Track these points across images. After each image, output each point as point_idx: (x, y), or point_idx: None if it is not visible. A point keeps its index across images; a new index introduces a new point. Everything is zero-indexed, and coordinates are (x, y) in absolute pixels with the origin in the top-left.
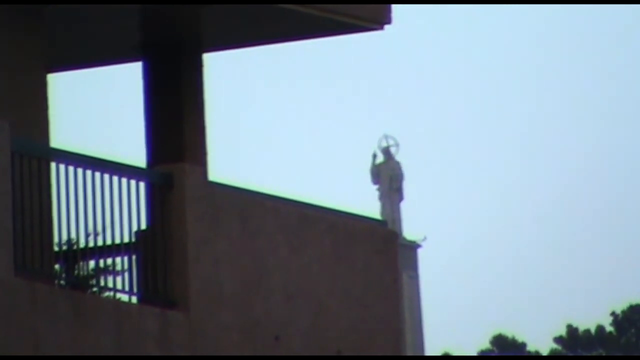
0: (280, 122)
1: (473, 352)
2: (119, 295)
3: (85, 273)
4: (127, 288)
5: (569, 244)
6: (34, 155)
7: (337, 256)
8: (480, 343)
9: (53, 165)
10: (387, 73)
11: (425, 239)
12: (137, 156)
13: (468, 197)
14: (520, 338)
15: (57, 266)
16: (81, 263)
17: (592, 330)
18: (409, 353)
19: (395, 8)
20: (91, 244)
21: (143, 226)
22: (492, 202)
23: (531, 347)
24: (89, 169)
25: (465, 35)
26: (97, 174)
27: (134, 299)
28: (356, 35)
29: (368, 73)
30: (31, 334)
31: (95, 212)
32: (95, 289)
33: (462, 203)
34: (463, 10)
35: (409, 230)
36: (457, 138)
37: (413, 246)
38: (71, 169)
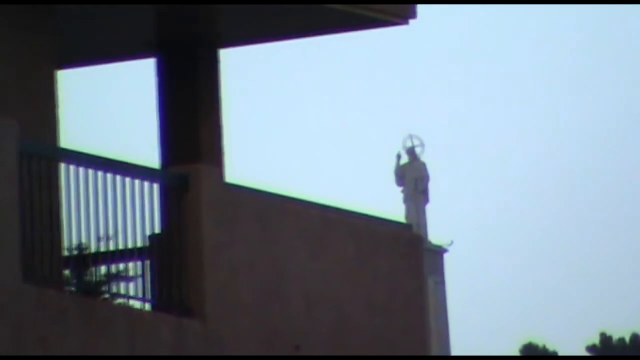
0: (300, 121)
1: None
2: (131, 302)
3: (96, 279)
4: (140, 295)
5: (602, 249)
6: (43, 156)
7: (359, 261)
8: (510, 352)
9: (62, 166)
10: (412, 70)
11: (451, 243)
12: (151, 157)
13: (496, 200)
14: (551, 347)
15: (66, 272)
16: (92, 268)
17: (627, 338)
18: None
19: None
20: (102, 249)
21: (157, 230)
22: (522, 205)
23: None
24: (100, 170)
25: (494, 30)
26: (109, 176)
27: (148, 306)
28: (380, 30)
29: (392, 70)
30: (40, 342)
31: (107, 216)
32: (106, 295)
33: (491, 205)
34: (490, 6)
35: (435, 234)
36: (485, 138)
37: (439, 251)
38: (81, 170)
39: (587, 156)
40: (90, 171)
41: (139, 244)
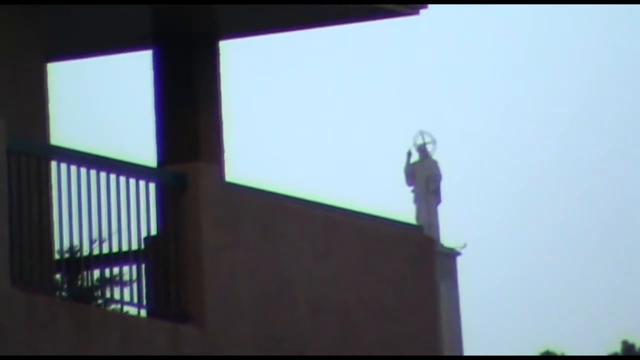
0: (304, 117)
1: None
2: (126, 308)
3: (89, 284)
4: (135, 300)
5: (623, 253)
6: (33, 153)
7: (367, 265)
8: None
9: (53, 164)
10: (424, 63)
11: (465, 246)
12: (147, 154)
13: (512, 200)
14: (570, 355)
15: (58, 276)
16: (85, 273)
17: None
18: None
19: None
20: (96, 252)
21: (153, 232)
22: (540, 205)
23: None
24: (94, 168)
25: (509, 22)
26: (103, 174)
27: (143, 312)
28: (389, 21)
29: (402, 63)
30: (30, 350)
31: (100, 217)
32: (100, 301)
33: (506, 206)
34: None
35: (447, 237)
36: (500, 134)
37: (452, 254)
38: (73, 168)
39: (610, 153)
40: (83, 170)
41: (134, 246)
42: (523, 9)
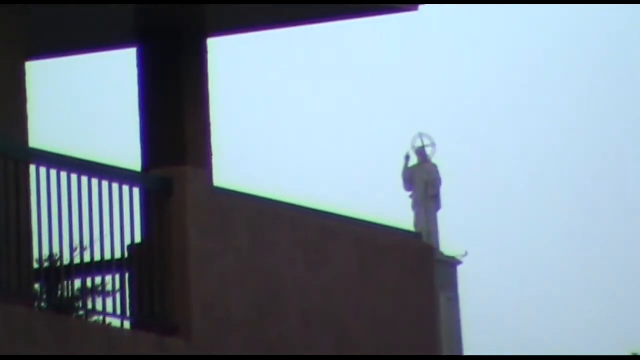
0: (297, 118)
1: None
2: (109, 319)
3: (70, 294)
4: (118, 311)
5: (632, 263)
6: (10, 156)
7: (363, 274)
8: None
9: (32, 168)
10: (422, 62)
11: (466, 254)
12: (131, 158)
13: (515, 206)
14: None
15: (37, 286)
16: (65, 282)
17: None
18: None
19: None
20: (77, 260)
21: (137, 239)
22: (544, 212)
23: None
24: (75, 172)
25: (512, 19)
26: (84, 179)
27: (127, 324)
28: (387, 17)
29: (400, 62)
30: None
31: (82, 223)
32: (81, 312)
33: (509, 212)
34: None
35: (448, 244)
36: (502, 137)
37: (452, 262)
38: (53, 172)
39: (614, 158)
40: (64, 174)
41: (118, 254)
42: (525, 8)
